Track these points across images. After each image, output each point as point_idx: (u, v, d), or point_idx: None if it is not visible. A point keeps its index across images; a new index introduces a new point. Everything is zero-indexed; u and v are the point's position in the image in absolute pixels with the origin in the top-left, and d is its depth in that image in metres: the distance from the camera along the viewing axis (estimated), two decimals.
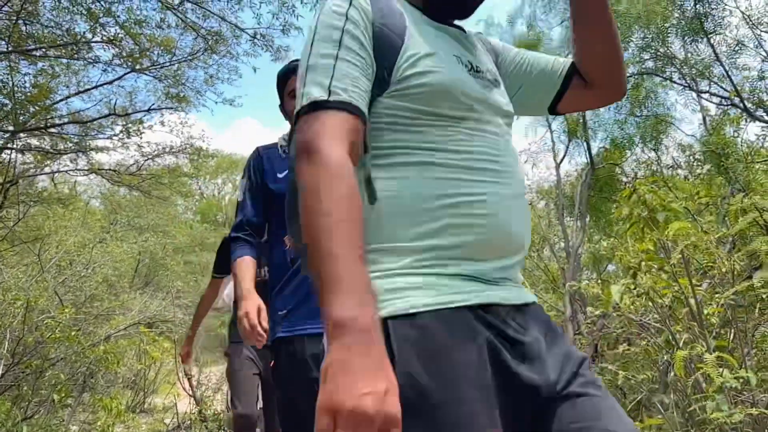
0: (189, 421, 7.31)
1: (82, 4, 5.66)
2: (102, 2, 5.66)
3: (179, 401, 7.80)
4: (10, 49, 5.69)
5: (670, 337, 3.18)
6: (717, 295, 3.23)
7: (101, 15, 5.58)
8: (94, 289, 8.49)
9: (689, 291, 3.09)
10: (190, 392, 7.79)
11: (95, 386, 7.06)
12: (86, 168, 7.51)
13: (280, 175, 2.30)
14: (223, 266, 3.27)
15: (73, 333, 5.88)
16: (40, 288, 6.75)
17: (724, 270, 3.32)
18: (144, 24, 5.82)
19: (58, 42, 5.89)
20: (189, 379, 8.01)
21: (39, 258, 7.48)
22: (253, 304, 2.02)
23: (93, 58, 6.17)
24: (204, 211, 28.81)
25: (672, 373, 3.48)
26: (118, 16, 5.67)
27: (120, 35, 5.82)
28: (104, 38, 5.86)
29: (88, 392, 6.87)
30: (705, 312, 3.12)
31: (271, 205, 2.22)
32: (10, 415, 5.42)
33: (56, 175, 7.96)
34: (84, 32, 5.86)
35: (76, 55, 6.06)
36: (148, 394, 9.23)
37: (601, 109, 6.97)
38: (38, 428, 5.38)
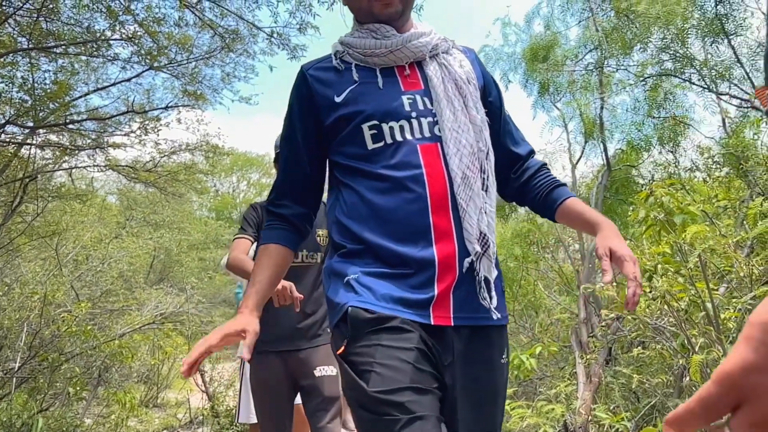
0: (201, 417, 7.36)
1: (102, 2, 5.72)
2: (121, 0, 5.72)
3: (192, 396, 7.86)
4: (31, 46, 5.76)
5: (686, 341, 3.15)
6: (734, 300, 3.19)
7: (121, 13, 5.63)
8: (110, 284, 8.59)
9: (706, 295, 3.06)
10: (203, 388, 7.85)
11: (110, 380, 7.14)
12: (104, 164, 7.58)
13: None
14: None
15: (89, 327, 5.95)
16: (57, 282, 6.84)
17: (742, 274, 3.28)
18: (163, 22, 5.86)
19: (78, 39, 5.96)
20: (202, 375, 8.07)
21: (56, 252, 7.58)
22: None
23: (112, 55, 6.24)
24: (219, 208, 29.00)
25: (687, 378, 3.44)
26: (137, 14, 5.72)
27: (139, 33, 5.88)
28: (123, 36, 5.92)
29: (103, 386, 6.94)
30: (722, 317, 3.08)
31: None
32: (27, 407, 5.50)
33: (74, 171, 8.06)
34: (104, 30, 5.93)
35: (96, 53, 6.12)
36: (161, 389, 9.31)
37: (619, 110, 6.93)
38: (53, 421, 5.45)
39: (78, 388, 6.03)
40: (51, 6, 5.66)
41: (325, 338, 2.71)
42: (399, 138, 1.32)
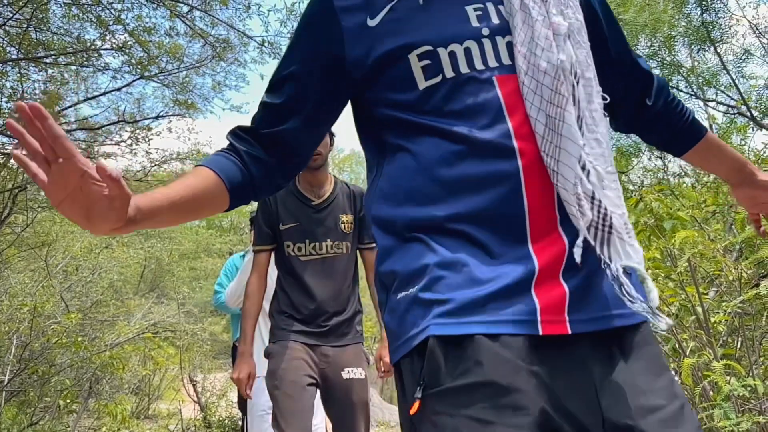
0: (193, 428, 7.31)
1: (91, 12, 5.72)
2: (111, 10, 5.72)
3: (184, 407, 7.81)
4: (20, 56, 5.74)
5: (677, 345, 3.17)
6: (724, 304, 3.22)
7: (111, 23, 5.63)
8: (100, 295, 8.52)
9: (696, 299, 3.09)
10: (195, 398, 7.80)
11: (101, 392, 7.07)
12: None
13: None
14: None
15: (79, 339, 5.90)
16: (46, 293, 6.79)
17: (731, 278, 3.31)
18: (153, 32, 5.87)
19: (68, 49, 5.95)
20: (194, 385, 8.02)
21: (46, 263, 7.52)
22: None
23: (103, 65, 6.23)
24: (209, 217, 28.86)
25: (679, 381, 3.46)
26: (128, 24, 5.72)
27: (129, 42, 5.88)
28: (114, 45, 5.92)
29: (94, 398, 6.88)
30: (712, 320, 3.11)
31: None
32: (16, 420, 5.44)
33: None
34: (94, 40, 5.93)
35: (86, 63, 6.11)
36: (153, 400, 9.23)
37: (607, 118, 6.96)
38: None
39: (68, 401, 5.98)
40: (41, 16, 5.65)
41: (354, 337, 2.49)
42: (464, 69, 0.89)
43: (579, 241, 0.81)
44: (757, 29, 5.25)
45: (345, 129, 2.47)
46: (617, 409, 0.78)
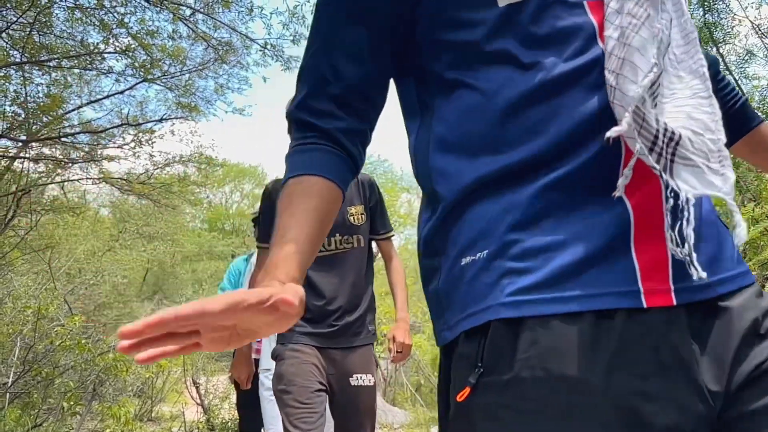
0: (197, 430, 7.31)
1: (94, 16, 5.75)
2: (114, 14, 5.74)
3: (186, 410, 7.80)
4: (24, 59, 5.77)
5: None
6: None
7: (114, 26, 5.65)
8: (103, 297, 8.55)
9: None
10: (198, 401, 7.80)
11: (104, 394, 7.09)
12: (98, 177, 7.58)
13: None
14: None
15: (83, 341, 5.91)
16: (50, 296, 6.81)
17: None
18: (156, 35, 5.90)
19: (71, 53, 5.97)
20: (197, 388, 8.02)
21: (49, 266, 7.54)
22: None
23: (106, 68, 6.26)
24: (212, 219, 28.92)
25: None
26: (131, 27, 5.75)
27: (133, 46, 5.91)
28: (117, 49, 5.94)
29: (97, 400, 6.89)
30: None
31: None
32: (20, 422, 5.45)
33: (67, 183, 8.04)
34: (98, 43, 5.95)
35: (89, 66, 6.14)
36: (156, 403, 9.24)
37: None
38: None
39: (72, 403, 5.99)
40: (44, 20, 5.68)
41: (366, 336, 2.33)
42: None
43: (625, 171, 0.63)
44: (759, 30, 5.25)
45: None
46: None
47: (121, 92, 6.82)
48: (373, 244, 2.44)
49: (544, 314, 0.63)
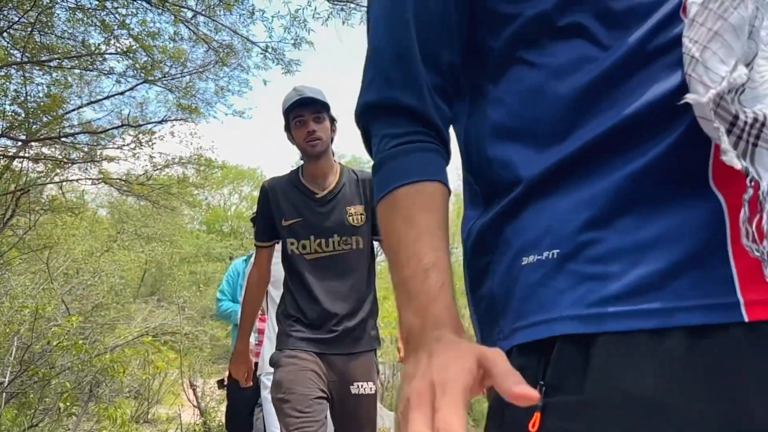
0: None
1: (96, 16, 5.75)
2: (116, 15, 5.75)
3: (183, 412, 7.79)
4: (25, 59, 5.77)
5: None
6: None
7: (116, 27, 5.66)
8: (101, 298, 8.53)
9: None
10: (195, 403, 7.79)
11: (101, 396, 7.07)
12: (97, 177, 7.58)
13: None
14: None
15: (80, 342, 5.90)
16: (47, 296, 6.79)
17: None
18: (157, 36, 5.91)
19: (72, 53, 5.98)
20: (194, 390, 8.01)
21: (47, 266, 7.52)
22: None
23: (107, 69, 6.27)
24: (210, 221, 28.90)
25: None
26: (132, 29, 5.76)
27: (134, 47, 5.92)
28: (119, 50, 5.95)
29: (94, 401, 6.88)
30: None
31: None
32: (16, 422, 5.44)
33: (66, 184, 8.04)
34: (99, 44, 5.96)
35: (91, 66, 6.15)
36: (152, 405, 9.22)
37: None
38: None
39: (68, 404, 5.98)
40: (45, 20, 5.68)
41: (367, 343, 2.24)
42: None
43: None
44: None
45: (345, 134, 2.44)
46: None
47: (122, 93, 6.84)
48: (376, 245, 2.37)
49: (629, 330, 0.53)
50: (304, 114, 2.18)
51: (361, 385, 2.14)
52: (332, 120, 2.29)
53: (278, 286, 2.47)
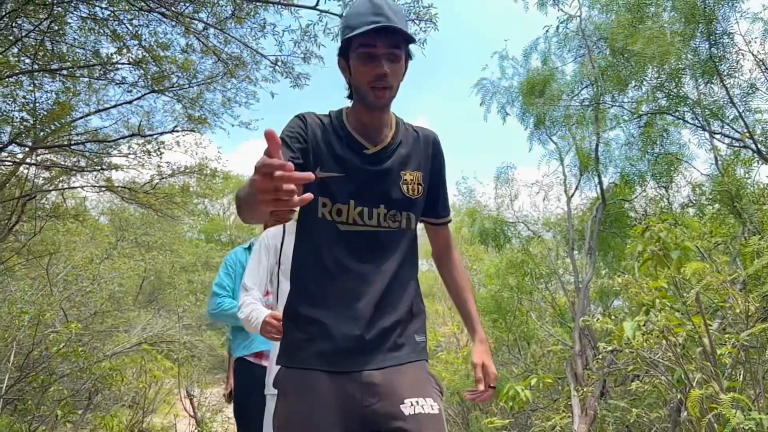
0: None
1: (107, 26, 5.81)
2: (127, 25, 5.81)
3: (179, 422, 7.74)
4: (35, 67, 5.81)
5: (683, 376, 3.18)
6: (727, 335, 3.25)
7: (128, 38, 5.71)
8: (100, 305, 8.50)
9: (703, 330, 3.11)
10: (192, 413, 7.75)
11: (98, 404, 7.04)
12: (102, 185, 7.60)
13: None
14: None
15: (79, 349, 5.88)
16: (46, 302, 6.78)
17: (738, 311, 3.34)
18: (167, 47, 5.96)
19: (82, 62, 6.02)
20: (191, 400, 7.97)
21: (47, 272, 7.51)
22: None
23: (119, 79, 6.32)
24: (208, 230, 28.86)
25: (685, 413, 3.46)
26: (144, 40, 5.81)
27: (146, 57, 5.96)
28: (131, 60, 6.00)
29: (91, 410, 6.84)
30: (717, 352, 3.13)
31: None
32: (14, 428, 5.40)
33: (68, 191, 8.06)
34: (111, 53, 6.01)
35: (101, 76, 6.19)
36: (147, 414, 9.17)
37: (613, 145, 7.06)
38: None
39: (66, 411, 5.94)
40: (57, 28, 5.73)
41: (414, 351, 1.61)
42: None
43: None
44: (763, 64, 5.34)
45: None
46: None
47: (129, 102, 6.88)
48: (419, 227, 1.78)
49: None
50: (379, 45, 1.52)
51: (417, 402, 1.49)
52: (408, 57, 1.62)
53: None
